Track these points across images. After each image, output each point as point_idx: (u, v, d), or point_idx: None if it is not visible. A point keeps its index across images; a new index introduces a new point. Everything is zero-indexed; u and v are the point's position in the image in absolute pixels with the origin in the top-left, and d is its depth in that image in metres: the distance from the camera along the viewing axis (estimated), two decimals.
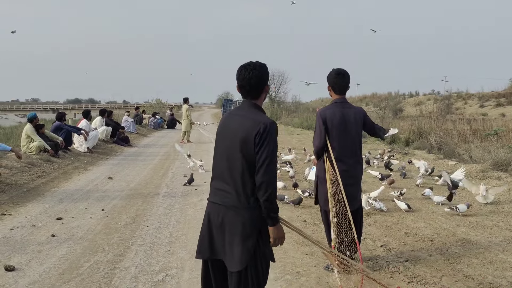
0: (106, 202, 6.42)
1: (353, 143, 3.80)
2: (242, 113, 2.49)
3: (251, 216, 2.39)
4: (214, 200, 2.50)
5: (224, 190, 2.45)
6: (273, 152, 2.34)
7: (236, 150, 2.39)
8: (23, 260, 4.13)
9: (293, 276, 3.79)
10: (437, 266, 3.96)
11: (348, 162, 3.75)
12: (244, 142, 2.36)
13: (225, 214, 2.43)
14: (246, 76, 2.47)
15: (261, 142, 2.33)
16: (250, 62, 2.52)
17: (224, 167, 2.46)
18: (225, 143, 2.47)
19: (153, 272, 3.87)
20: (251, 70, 2.47)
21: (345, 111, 3.77)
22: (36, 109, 63.74)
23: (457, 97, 41.75)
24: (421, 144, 12.98)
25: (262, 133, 2.33)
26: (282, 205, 6.16)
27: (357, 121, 3.81)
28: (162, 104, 35.30)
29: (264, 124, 2.36)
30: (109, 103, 68.82)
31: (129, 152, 13.00)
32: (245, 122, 2.41)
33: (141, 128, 20.44)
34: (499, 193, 6.25)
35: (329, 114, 3.75)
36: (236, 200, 2.39)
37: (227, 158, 2.44)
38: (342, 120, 3.74)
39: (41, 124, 10.10)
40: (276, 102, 40.54)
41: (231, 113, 2.58)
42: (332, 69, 3.90)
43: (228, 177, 2.43)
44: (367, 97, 53.45)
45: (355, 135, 3.80)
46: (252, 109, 2.49)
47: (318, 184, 3.93)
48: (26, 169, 8.15)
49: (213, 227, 2.48)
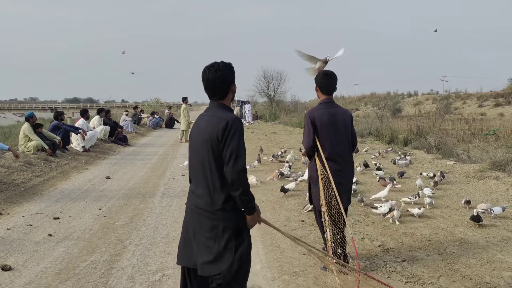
0: (104, 202, 6.40)
1: (344, 142, 3.82)
2: (209, 113, 2.48)
3: (225, 217, 2.38)
4: (189, 204, 2.51)
5: (197, 193, 2.45)
6: (238, 147, 2.32)
7: (204, 150, 2.39)
8: (19, 259, 4.11)
9: (290, 276, 3.78)
10: (434, 266, 3.96)
11: (341, 161, 3.77)
12: (211, 140, 2.35)
13: (199, 217, 2.42)
14: (210, 77, 2.44)
15: (224, 138, 2.32)
16: (215, 62, 2.49)
17: (197, 169, 2.46)
18: (195, 145, 2.47)
19: (150, 272, 3.86)
20: (215, 71, 2.45)
21: (333, 111, 3.81)
22: (34, 108, 63.55)
23: (455, 97, 41.78)
24: (420, 144, 13.00)
25: (225, 129, 2.32)
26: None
27: (346, 121, 3.84)
28: (161, 103, 35.27)
29: (226, 120, 2.34)
30: (108, 102, 68.69)
31: (127, 151, 12.98)
32: (211, 121, 2.41)
33: (140, 128, 20.41)
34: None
35: (317, 115, 3.79)
36: (209, 201, 2.39)
37: (198, 160, 2.44)
38: (331, 120, 3.77)
39: (39, 124, 10.07)
40: (275, 101, 40.50)
41: (200, 115, 2.58)
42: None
43: (200, 179, 2.43)
44: (366, 96, 53.45)
45: (345, 134, 3.82)
46: (218, 108, 2.48)
47: (311, 184, 3.96)
48: (23, 168, 8.13)
49: (190, 232, 2.48)
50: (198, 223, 2.43)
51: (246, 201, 2.38)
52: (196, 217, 2.44)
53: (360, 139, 14.96)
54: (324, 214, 3.65)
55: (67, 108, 62.44)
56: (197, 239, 2.44)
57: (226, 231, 2.38)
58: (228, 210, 2.39)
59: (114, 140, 14.00)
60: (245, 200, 2.37)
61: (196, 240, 2.44)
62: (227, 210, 2.38)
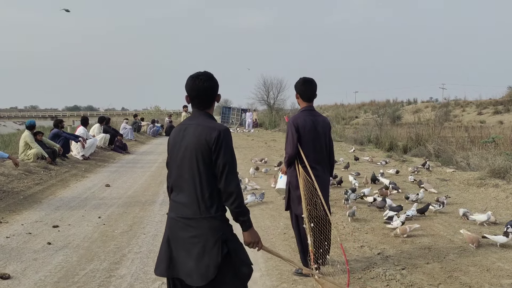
0: (103, 210, 6.40)
1: (322, 150, 3.88)
2: (195, 122, 2.44)
3: (211, 226, 2.34)
4: (172, 215, 2.44)
5: (182, 203, 2.39)
6: (231, 157, 2.33)
7: (192, 159, 2.35)
8: (18, 268, 4.11)
9: (289, 284, 3.78)
10: (434, 274, 3.95)
11: (319, 168, 3.84)
12: (200, 150, 2.33)
13: (185, 227, 2.36)
14: (200, 86, 2.43)
15: (217, 149, 2.31)
16: (200, 72, 2.48)
17: (181, 178, 2.41)
18: (179, 154, 2.41)
19: (149, 280, 3.85)
20: (205, 80, 2.44)
21: (314, 119, 3.88)
22: (34, 116, 63.67)
23: (455, 105, 41.87)
24: (419, 152, 13.02)
25: (218, 139, 2.31)
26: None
27: (324, 129, 3.90)
28: (161, 111, 35.31)
29: (219, 130, 2.34)
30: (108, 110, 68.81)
31: (127, 159, 13.00)
32: (199, 130, 2.37)
33: (140, 136, 20.44)
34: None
35: (301, 122, 3.84)
36: (196, 211, 2.34)
37: (183, 169, 2.39)
38: (313, 128, 3.83)
39: (39, 132, 10.10)
40: (275, 109, 40.57)
41: (182, 124, 2.53)
42: (300, 77, 3.97)
43: (186, 188, 2.38)
44: (366, 104, 53.49)
45: (323, 142, 3.88)
46: (205, 117, 2.46)
47: (290, 189, 3.98)
48: (23, 176, 8.13)
49: (173, 243, 2.41)
50: (183, 232, 2.37)
51: (240, 213, 2.36)
52: (182, 226, 2.38)
53: (360, 147, 14.98)
54: (305, 220, 3.70)
55: (67, 116, 62.60)
56: (181, 249, 2.37)
57: (213, 239, 2.33)
58: (217, 218, 2.36)
59: (114, 148, 14.02)
60: (239, 212, 2.36)
61: (180, 250, 2.38)
62: (216, 219, 2.35)
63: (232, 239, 2.42)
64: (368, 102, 54.09)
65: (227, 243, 2.37)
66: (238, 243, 2.46)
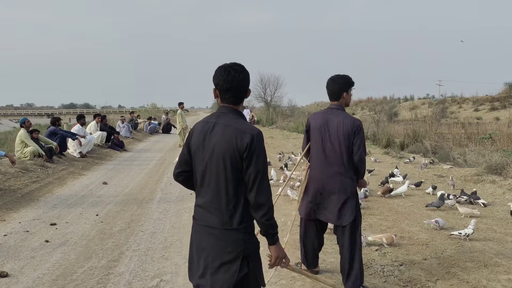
0: (101, 207, 6.39)
1: (334, 152, 3.51)
2: (223, 121, 2.16)
3: (233, 238, 2.12)
4: (197, 217, 2.26)
5: (209, 209, 2.17)
6: (264, 165, 2.08)
7: (218, 165, 2.11)
8: (16, 266, 4.09)
9: (288, 280, 3.78)
10: (431, 270, 3.97)
11: (325, 170, 3.54)
12: (229, 156, 2.08)
13: (207, 235, 2.17)
14: (235, 78, 2.14)
15: (249, 157, 2.05)
16: (234, 63, 2.19)
17: (205, 184, 2.18)
18: (205, 157, 2.15)
19: (148, 278, 3.85)
20: (240, 72, 2.16)
21: (329, 118, 3.56)
22: (30, 114, 63.49)
23: (451, 101, 42.05)
24: (416, 148, 13.06)
25: (251, 145, 2.05)
26: (277, 210, 6.17)
27: (343, 129, 3.48)
28: (158, 108, 35.27)
29: (251, 135, 2.07)
30: (104, 107, 68.61)
31: (124, 157, 12.96)
32: (229, 133, 2.10)
33: (136, 133, 20.39)
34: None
35: (313, 119, 3.71)
36: (219, 220, 2.13)
37: (211, 173, 2.14)
38: (322, 126, 3.58)
39: (35, 130, 10.05)
40: (272, 106, 40.58)
41: (207, 122, 2.21)
42: None
43: (210, 195, 2.16)
44: (363, 101, 53.59)
45: (337, 143, 3.50)
46: (234, 115, 2.18)
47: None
48: (20, 174, 8.10)
49: (195, 249, 2.24)
50: (207, 241, 2.19)
51: (269, 226, 2.12)
52: (206, 235, 2.19)
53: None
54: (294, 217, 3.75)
55: (63, 114, 62.36)
56: (204, 257, 2.20)
57: (234, 254, 2.13)
58: (240, 231, 2.14)
59: (111, 145, 13.98)
60: (268, 225, 2.11)
61: (201, 259, 2.21)
62: (239, 231, 2.13)
63: (254, 257, 2.20)
64: (365, 99, 54.20)
65: (249, 261, 2.16)
66: (260, 262, 2.25)
